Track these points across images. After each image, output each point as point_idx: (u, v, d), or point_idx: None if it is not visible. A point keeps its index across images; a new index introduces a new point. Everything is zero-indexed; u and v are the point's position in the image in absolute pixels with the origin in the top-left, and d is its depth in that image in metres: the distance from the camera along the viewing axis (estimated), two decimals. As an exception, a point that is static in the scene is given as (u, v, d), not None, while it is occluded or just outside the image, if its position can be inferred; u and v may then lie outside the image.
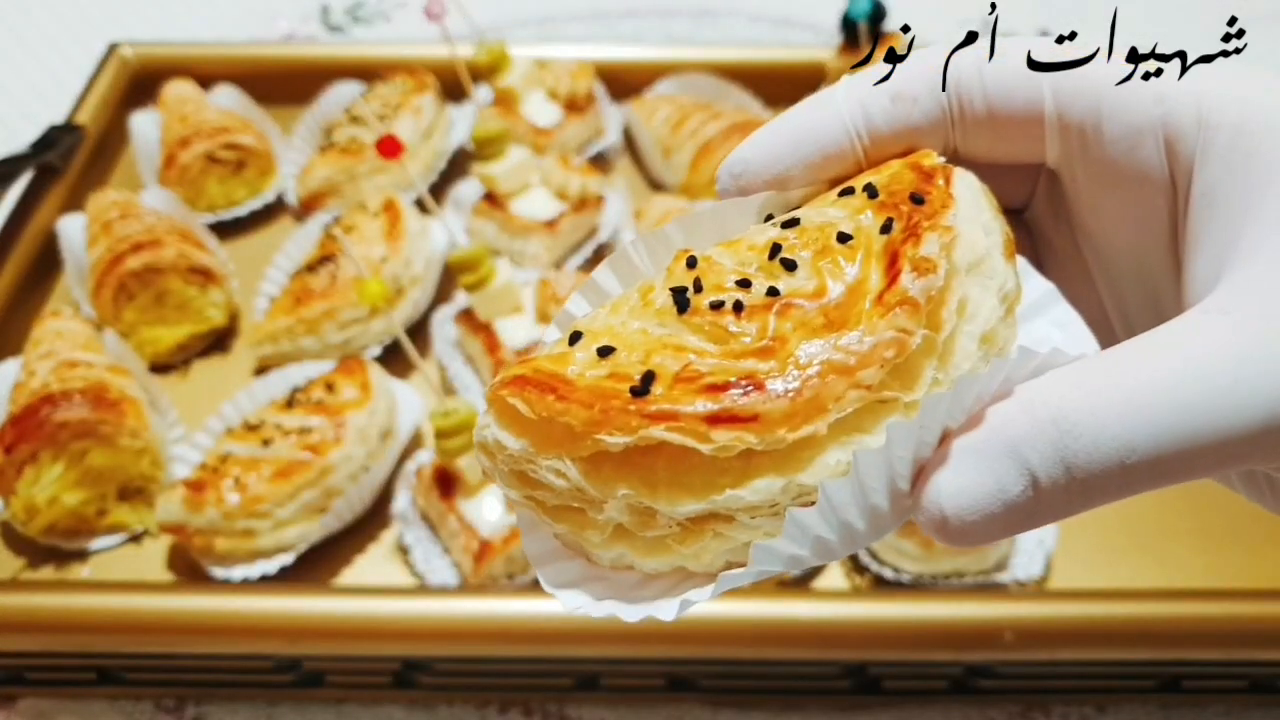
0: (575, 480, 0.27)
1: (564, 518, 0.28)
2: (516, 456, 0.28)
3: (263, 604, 0.69)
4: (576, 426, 0.26)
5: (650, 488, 0.27)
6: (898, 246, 0.28)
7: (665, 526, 0.27)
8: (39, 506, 0.78)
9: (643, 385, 0.26)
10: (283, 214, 1.10)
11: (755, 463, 0.26)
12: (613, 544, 0.28)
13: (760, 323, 0.27)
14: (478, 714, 0.74)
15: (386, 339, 0.93)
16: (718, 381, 0.26)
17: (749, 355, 0.27)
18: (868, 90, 0.31)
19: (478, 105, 1.04)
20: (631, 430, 0.26)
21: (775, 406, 0.26)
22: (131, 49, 1.20)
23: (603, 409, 0.26)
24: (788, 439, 0.26)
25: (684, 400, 0.26)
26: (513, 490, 0.29)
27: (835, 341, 0.26)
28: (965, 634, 0.67)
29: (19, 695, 0.75)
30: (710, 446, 0.26)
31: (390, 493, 0.82)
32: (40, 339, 0.87)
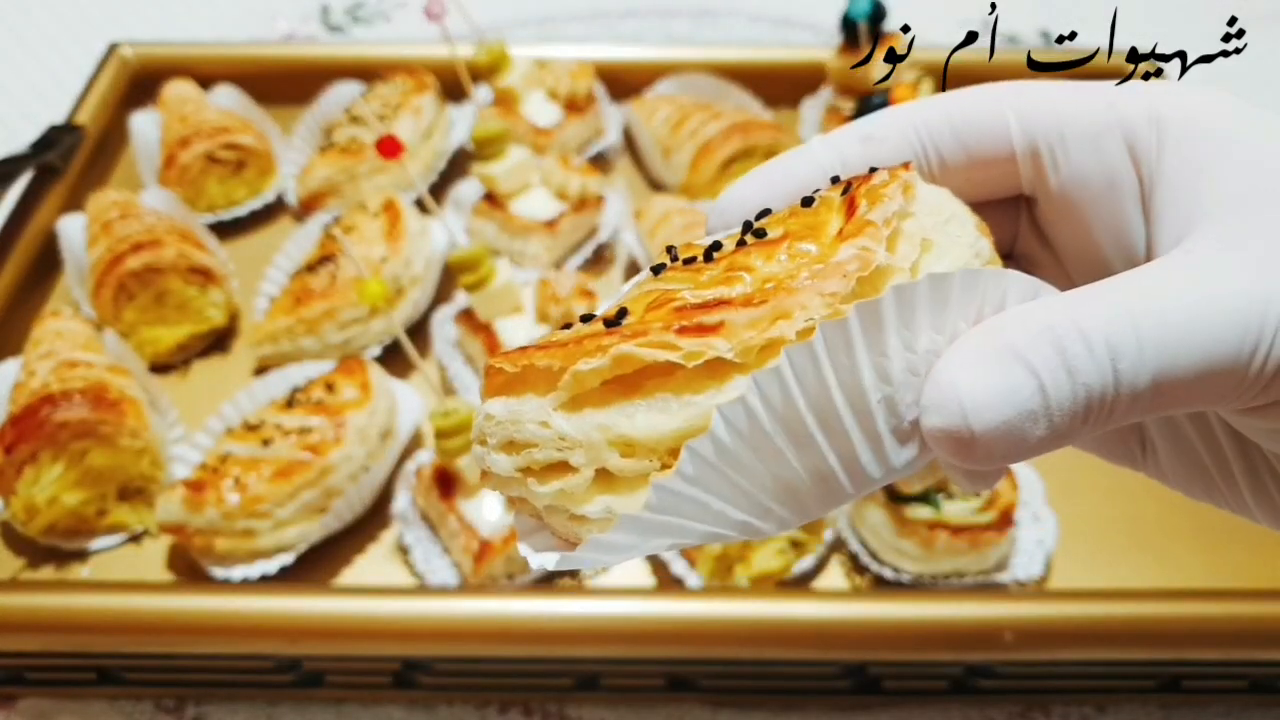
0: (557, 425, 0.27)
1: (550, 476, 0.28)
2: (503, 422, 0.28)
3: (263, 604, 0.69)
4: (555, 366, 0.27)
5: (628, 415, 0.27)
6: (854, 193, 0.29)
7: (648, 459, 0.27)
8: (39, 506, 0.77)
9: (616, 318, 0.28)
10: (283, 214, 1.10)
11: (728, 374, 0.26)
12: (595, 493, 0.28)
13: (729, 260, 0.28)
14: (478, 714, 0.74)
15: (386, 339, 0.93)
16: (686, 304, 0.27)
17: (717, 284, 0.28)
18: (841, 135, 0.34)
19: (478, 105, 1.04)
20: (604, 351, 0.26)
21: (741, 315, 0.26)
22: (131, 49, 1.20)
23: (576, 344, 0.27)
24: (755, 342, 0.26)
25: (653, 319, 0.27)
26: (503, 462, 0.29)
27: (800, 264, 0.27)
28: (965, 634, 0.67)
29: (19, 695, 0.75)
30: (678, 354, 0.26)
31: (390, 493, 0.82)
32: (40, 339, 0.87)
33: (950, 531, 0.72)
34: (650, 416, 0.26)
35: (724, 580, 0.74)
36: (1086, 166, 0.31)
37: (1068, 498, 0.80)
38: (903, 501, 0.73)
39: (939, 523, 0.72)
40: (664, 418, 0.26)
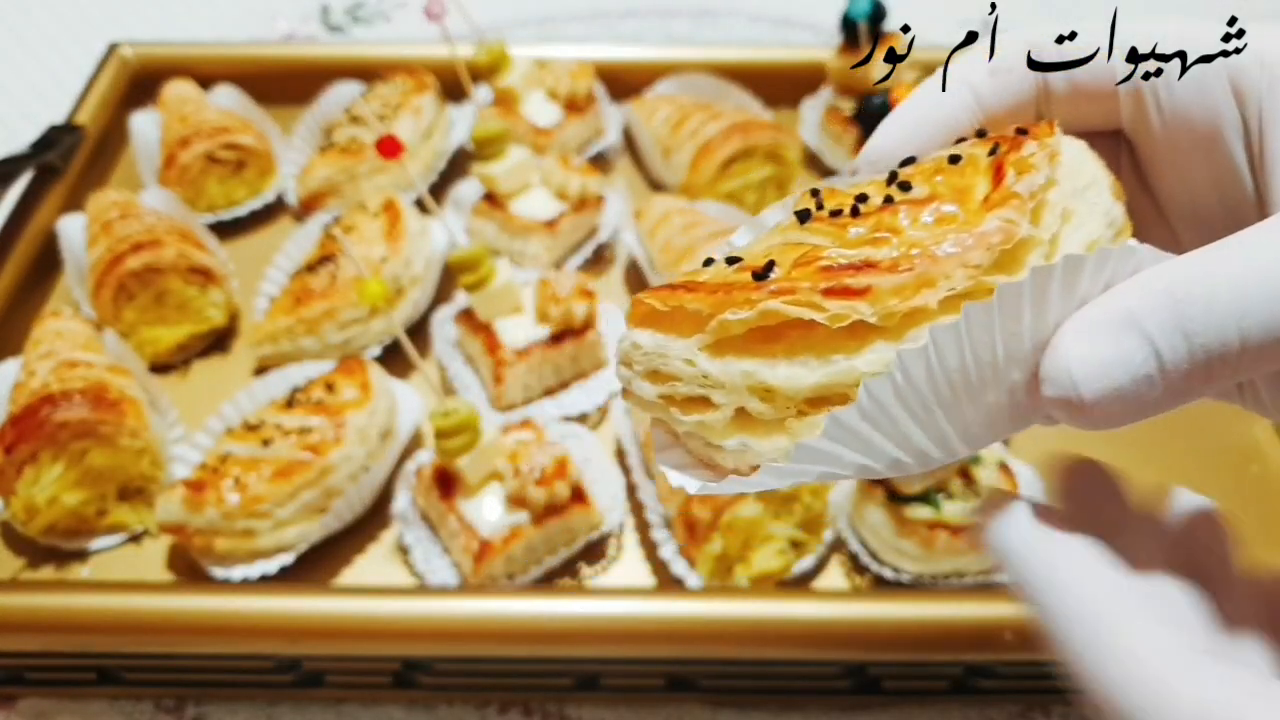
0: (702, 365, 0.29)
1: (692, 409, 0.30)
2: (650, 353, 0.31)
3: (263, 604, 0.69)
4: (703, 311, 0.29)
5: (770, 365, 0.28)
6: (1002, 159, 0.30)
7: (784, 408, 0.29)
8: (39, 506, 0.77)
9: (764, 271, 0.29)
10: (283, 214, 1.10)
11: (868, 336, 0.28)
12: (733, 430, 0.30)
13: (875, 219, 0.29)
14: (478, 714, 0.74)
15: (386, 339, 0.93)
16: (834, 264, 0.28)
17: (864, 244, 0.29)
18: (969, 68, 0.35)
19: (478, 105, 1.04)
20: (752, 305, 0.28)
21: (886, 280, 0.27)
22: (131, 49, 1.20)
23: (725, 292, 0.29)
24: (899, 309, 0.27)
25: (800, 278, 0.28)
26: (646, 388, 0.31)
27: (945, 230, 0.28)
28: (965, 634, 0.67)
29: (19, 695, 0.75)
30: (824, 315, 0.27)
31: (390, 493, 0.82)
32: (40, 339, 0.87)
33: (950, 531, 0.72)
34: (791, 369, 0.28)
35: (724, 580, 0.74)
36: (1190, 108, 0.31)
37: (1068, 498, 0.80)
38: (903, 501, 0.73)
39: (939, 523, 0.72)
40: (804, 371, 0.28)
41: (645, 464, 0.82)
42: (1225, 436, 0.89)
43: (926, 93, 0.35)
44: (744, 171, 1.03)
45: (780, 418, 0.29)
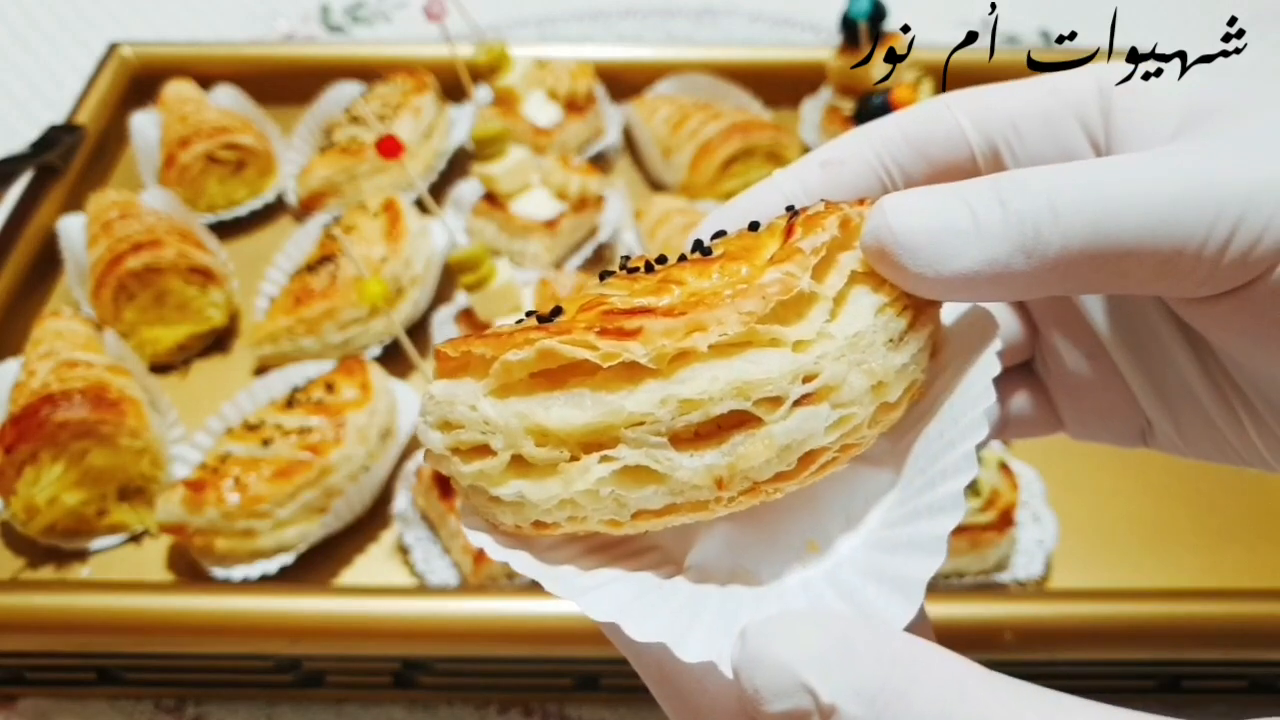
0: (483, 410, 0.29)
1: (474, 458, 0.30)
2: (440, 402, 0.30)
3: (263, 604, 0.69)
4: (488, 355, 0.29)
5: (545, 406, 0.28)
6: (794, 224, 0.30)
7: (559, 450, 0.29)
8: (39, 506, 0.77)
9: (550, 315, 0.30)
10: (283, 214, 1.10)
11: (642, 378, 0.28)
12: (510, 476, 0.29)
13: (665, 273, 0.30)
14: (477, 714, 0.74)
15: (386, 339, 0.93)
16: (615, 308, 0.29)
17: (647, 292, 0.29)
18: (802, 164, 0.35)
19: (478, 105, 1.04)
20: (531, 343, 0.28)
21: (659, 324, 0.28)
22: (131, 49, 1.20)
23: (509, 335, 0.29)
24: (669, 349, 0.27)
25: (580, 321, 0.29)
26: (437, 439, 0.31)
27: (728, 282, 0.29)
28: (965, 634, 0.67)
29: (19, 695, 0.75)
30: (596, 354, 0.28)
31: (390, 493, 0.82)
32: (40, 339, 0.87)
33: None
34: (565, 410, 0.28)
35: (724, 580, 0.74)
36: (1042, 150, 0.33)
37: (1068, 498, 0.80)
38: (902, 501, 0.73)
39: (939, 523, 0.72)
40: (577, 411, 0.28)
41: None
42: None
43: (757, 188, 0.36)
44: (744, 171, 1.04)
45: (554, 460, 0.28)
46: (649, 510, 0.29)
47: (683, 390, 0.27)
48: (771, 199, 0.35)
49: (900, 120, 0.35)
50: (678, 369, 0.27)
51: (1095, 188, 0.27)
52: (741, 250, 0.30)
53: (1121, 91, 0.32)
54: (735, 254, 0.30)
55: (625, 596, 0.29)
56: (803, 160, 0.36)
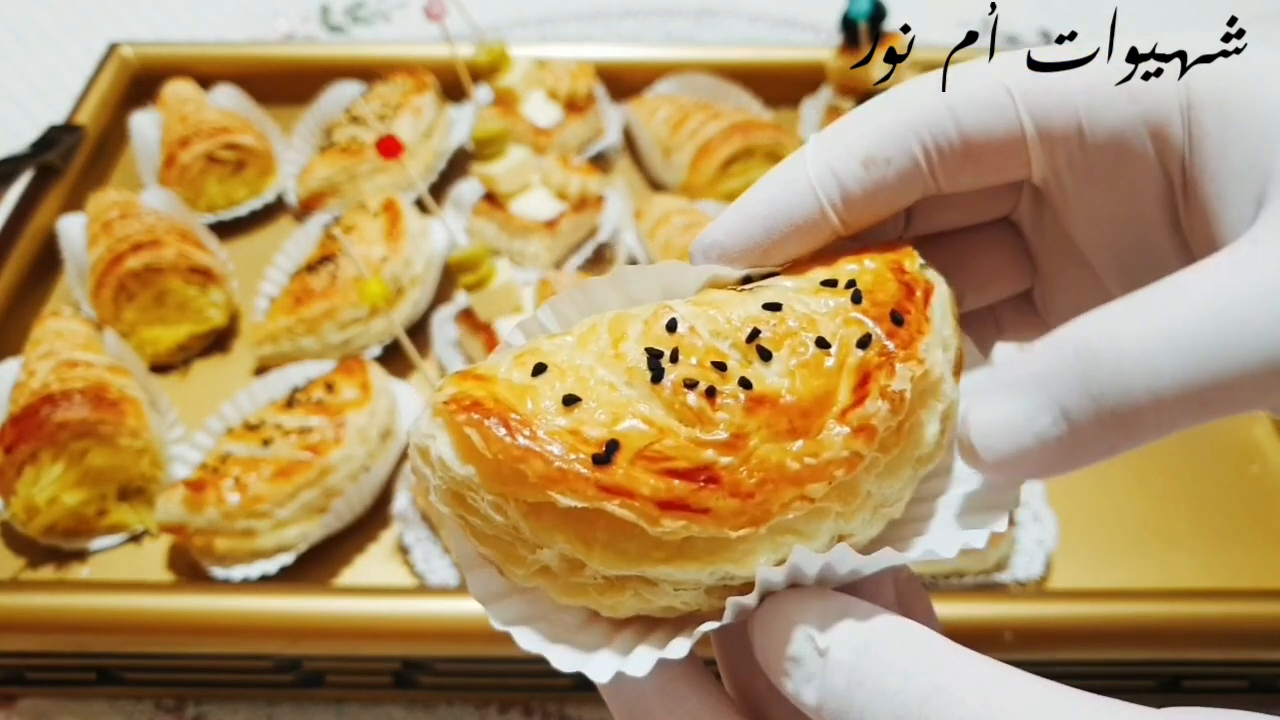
0: (514, 520, 0.28)
1: (491, 545, 0.29)
2: (459, 479, 0.28)
3: (263, 604, 0.69)
4: (531, 477, 0.27)
5: (587, 546, 0.28)
6: (871, 369, 0.29)
7: (590, 578, 0.28)
8: (39, 506, 0.77)
9: (605, 454, 0.27)
10: (283, 214, 1.10)
11: (691, 546, 0.27)
12: (534, 579, 0.29)
13: (729, 415, 0.28)
14: (478, 714, 0.74)
15: (386, 339, 0.93)
16: (678, 468, 0.27)
17: (712, 446, 0.27)
18: (838, 157, 0.31)
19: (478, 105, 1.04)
20: (586, 497, 0.27)
21: (726, 505, 0.27)
22: (132, 49, 1.20)
23: (561, 468, 0.27)
24: (729, 536, 0.27)
25: (642, 480, 0.27)
26: (444, 506, 0.29)
27: (792, 449, 0.28)
28: (965, 634, 0.67)
29: (19, 695, 0.75)
30: (659, 530, 0.27)
31: (390, 493, 0.82)
32: (40, 339, 0.87)
33: (950, 531, 0.72)
34: (608, 556, 0.28)
35: (724, 580, 0.74)
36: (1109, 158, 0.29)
37: (1068, 498, 0.80)
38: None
39: (939, 523, 0.72)
40: (620, 560, 0.28)
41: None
42: (1225, 436, 0.89)
43: (781, 178, 0.31)
44: (744, 171, 1.03)
45: (583, 585, 0.29)
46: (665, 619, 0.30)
47: (736, 570, 0.28)
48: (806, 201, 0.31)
49: (952, 103, 0.30)
50: (732, 546, 0.27)
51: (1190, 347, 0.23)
52: (810, 395, 0.28)
53: (1208, 111, 0.27)
54: (804, 399, 0.28)
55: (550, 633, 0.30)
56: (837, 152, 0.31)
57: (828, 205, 0.31)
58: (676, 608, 0.29)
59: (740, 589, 0.28)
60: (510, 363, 0.30)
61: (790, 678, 0.26)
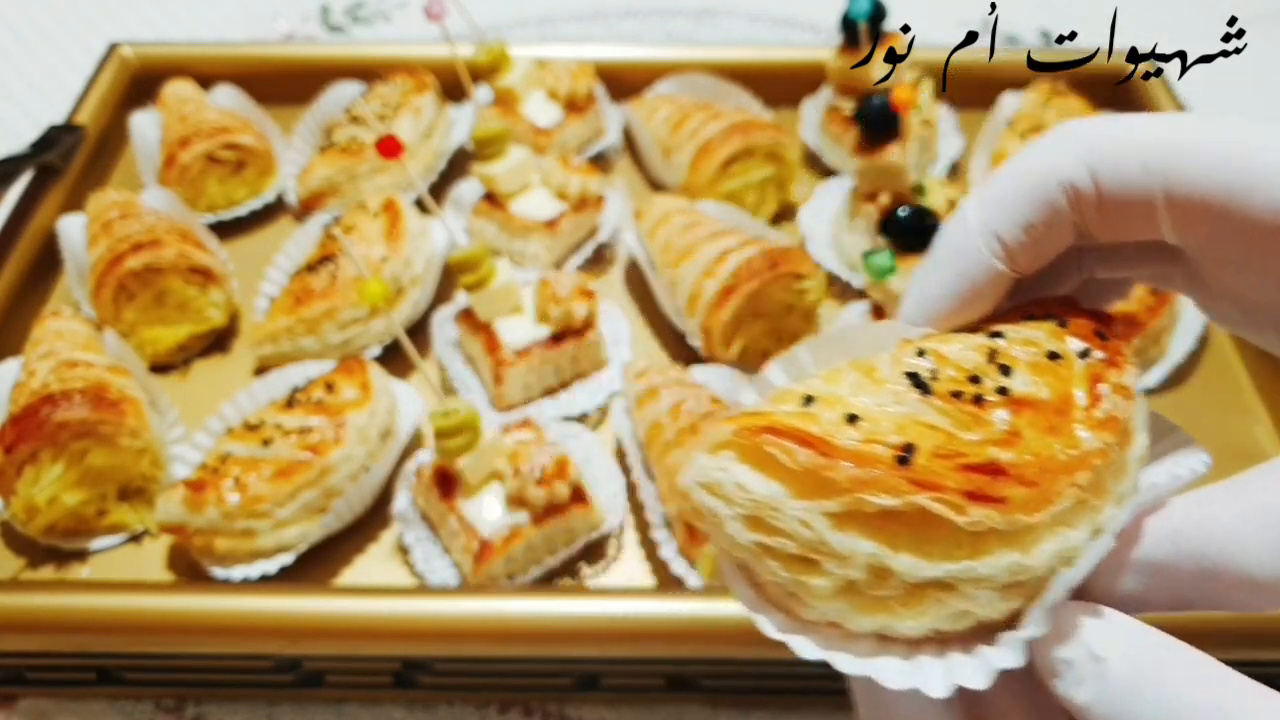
0: (820, 531, 0.30)
1: (793, 567, 0.31)
2: (760, 501, 0.30)
3: (263, 604, 0.69)
4: (841, 483, 0.29)
5: (894, 549, 0.30)
6: (1099, 371, 0.33)
7: (893, 588, 0.30)
8: (39, 506, 0.77)
9: (905, 456, 0.30)
10: (283, 214, 1.10)
11: (985, 541, 0.30)
12: (835, 598, 0.31)
13: (1000, 416, 0.32)
14: (478, 714, 0.74)
15: (386, 339, 0.93)
16: (971, 463, 0.30)
17: (993, 443, 0.31)
18: (1004, 220, 0.34)
19: (478, 105, 1.04)
20: (898, 494, 0.29)
21: (1018, 493, 0.30)
22: (132, 49, 1.20)
23: (868, 471, 0.30)
24: (1024, 522, 0.30)
25: (945, 474, 0.30)
26: (742, 533, 0.31)
27: (1059, 444, 0.31)
28: (965, 634, 0.67)
29: (19, 695, 0.75)
30: (965, 520, 0.29)
31: (390, 493, 0.82)
32: (40, 339, 0.87)
33: (950, 531, 0.72)
34: (914, 559, 0.30)
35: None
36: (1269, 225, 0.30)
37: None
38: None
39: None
40: (927, 564, 0.30)
41: (645, 464, 0.82)
42: (1225, 436, 0.89)
43: (954, 252, 0.35)
44: (744, 171, 1.03)
45: (885, 596, 0.30)
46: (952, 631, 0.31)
47: (1031, 562, 0.30)
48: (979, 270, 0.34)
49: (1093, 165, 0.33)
50: (1021, 536, 0.30)
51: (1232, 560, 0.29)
52: (1055, 396, 0.32)
53: None
54: (1050, 400, 0.32)
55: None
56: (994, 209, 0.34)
57: (999, 269, 0.35)
58: (974, 613, 0.30)
59: (1029, 589, 0.30)
60: (774, 403, 0.33)
61: (1062, 679, 0.28)
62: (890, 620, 0.31)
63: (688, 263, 0.92)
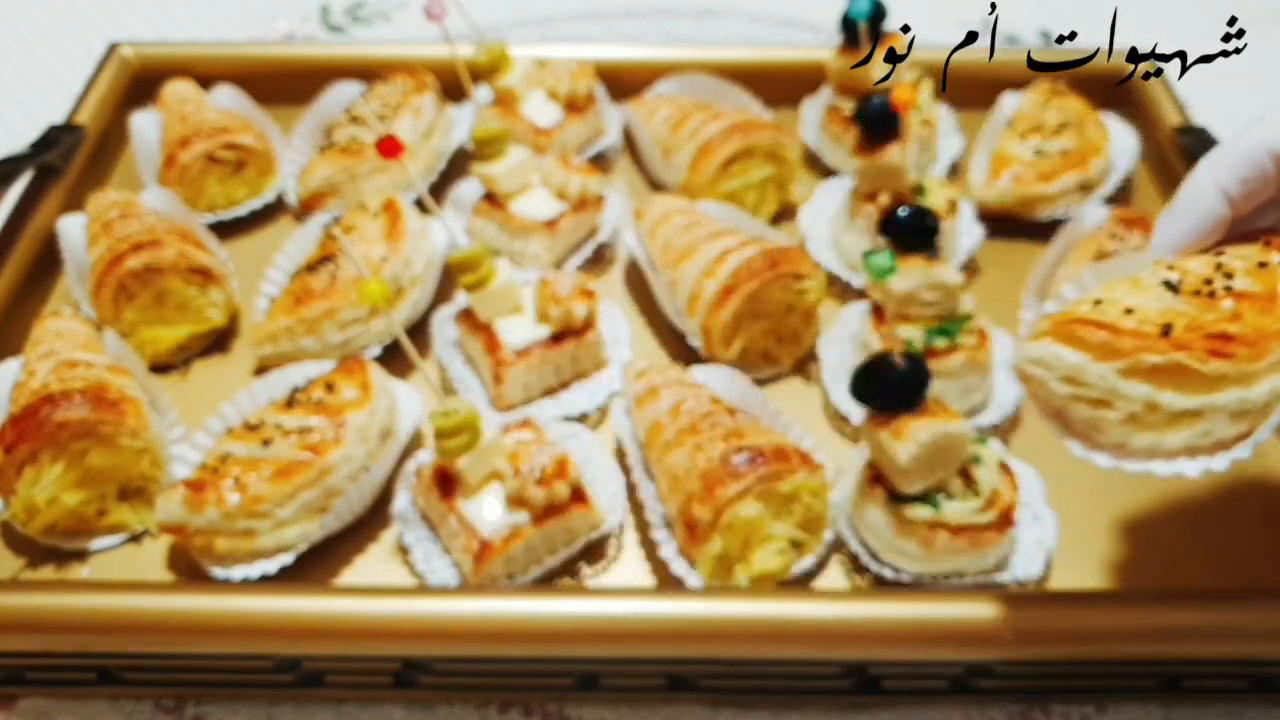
0: (1113, 382, 0.55)
1: (1095, 406, 0.56)
2: (1072, 366, 0.55)
3: (262, 604, 0.69)
4: (1125, 349, 0.54)
5: (1160, 388, 0.54)
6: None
7: (1161, 416, 0.55)
8: (39, 506, 0.77)
9: (1165, 331, 0.54)
10: (283, 214, 1.10)
11: (1221, 383, 0.53)
12: (1122, 426, 0.56)
13: (1229, 303, 0.55)
14: (478, 714, 0.75)
15: (386, 339, 0.93)
16: (1211, 333, 0.54)
17: (1225, 320, 0.54)
18: (1227, 178, 0.57)
19: (478, 105, 1.04)
20: (1163, 353, 0.53)
21: (1243, 350, 0.53)
22: (131, 49, 1.20)
23: (1143, 341, 0.54)
24: (1247, 370, 0.53)
25: (1193, 341, 0.53)
26: (1061, 388, 0.56)
27: (1268, 320, 0.54)
28: (965, 633, 0.67)
29: (19, 695, 0.75)
30: (1208, 368, 0.53)
31: (390, 493, 0.82)
32: (40, 339, 0.87)
33: (950, 531, 0.72)
34: (1175, 395, 0.54)
35: (724, 580, 0.74)
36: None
37: (1068, 498, 0.80)
38: (902, 502, 0.73)
39: (939, 523, 0.72)
40: (1182, 398, 0.54)
41: (645, 464, 0.82)
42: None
43: (1193, 203, 0.57)
44: (744, 171, 1.04)
45: (1154, 421, 0.55)
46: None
47: (1252, 396, 0.54)
48: (1212, 214, 0.58)
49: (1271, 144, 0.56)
50: (1247, 380, 0.54)
51: None
52: (1265, 289, 0.55)
53: None
54: (1261, 292, 0.55)
55: None
56: (1223, 169, 0.58)
57: (1224, 208, 0.57)
58: (1214, 432, 0.54)
59: (1253, 416, 0.54)
60: (1073, 305, 0.58)
61: None
62: (1159, 438, 0.55)
63: (688, 263, 0.92)
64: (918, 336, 0.84)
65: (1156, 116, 1.12)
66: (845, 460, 0.81)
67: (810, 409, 0.90)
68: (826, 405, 0.91)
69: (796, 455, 0.75)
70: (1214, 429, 0.54)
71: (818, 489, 0.75)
